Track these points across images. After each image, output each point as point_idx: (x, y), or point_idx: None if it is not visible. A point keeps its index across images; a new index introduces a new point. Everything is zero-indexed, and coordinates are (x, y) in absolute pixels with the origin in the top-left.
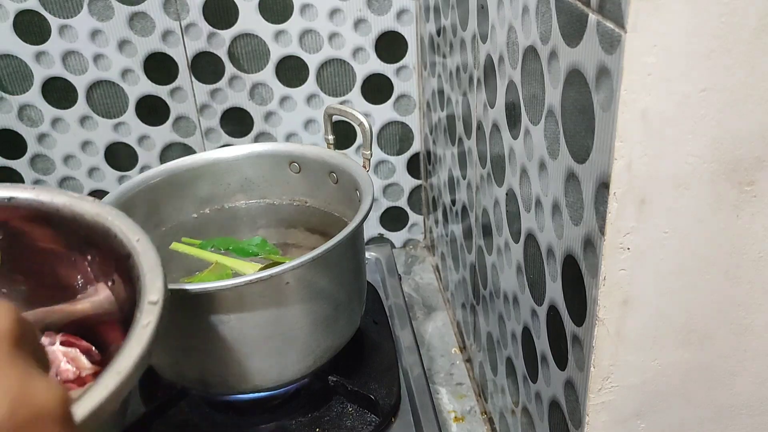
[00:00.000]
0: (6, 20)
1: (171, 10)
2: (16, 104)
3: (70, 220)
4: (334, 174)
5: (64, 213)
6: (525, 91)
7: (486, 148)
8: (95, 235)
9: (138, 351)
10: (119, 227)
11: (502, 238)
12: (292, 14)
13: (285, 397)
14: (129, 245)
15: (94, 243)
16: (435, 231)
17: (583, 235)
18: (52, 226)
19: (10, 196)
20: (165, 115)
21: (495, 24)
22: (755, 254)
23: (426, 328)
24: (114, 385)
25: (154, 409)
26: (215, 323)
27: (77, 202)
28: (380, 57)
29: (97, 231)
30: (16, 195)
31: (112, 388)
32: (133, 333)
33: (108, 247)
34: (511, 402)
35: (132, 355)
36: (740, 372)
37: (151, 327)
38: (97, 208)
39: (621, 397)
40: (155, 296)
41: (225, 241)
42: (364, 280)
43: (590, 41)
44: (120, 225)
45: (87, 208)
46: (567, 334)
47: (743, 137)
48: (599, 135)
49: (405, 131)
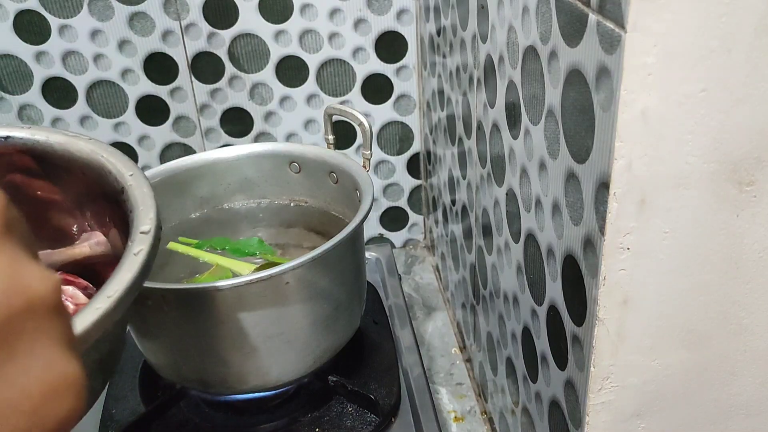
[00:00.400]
0: (6, 20)
1: (171, 10)
2: (16, 104)
3: (66, 160)
4: (334, 174)
5: (59, 152)
6: (525, 91)
7: (486, 148)
8: (90, 174)
9: (129, 276)
10: (113, 163)
11: (502, 238)
12: (292, 14)
13: (285, 397)
14: (122, 180)
15: (90, 188)
16: (435, 231)
17: (583, 235)
18: (48, 174)
19: (7, 135)
20: (165, 115)
21: (495, 24)
22: (755, 254)
23: (426, 328)
24: (105, 307)
25: (154, 409)
26: (215, 323)
27: (72, 140)
28: (380, 57)
29: (92, 168)
30: (12, 134)
31: (103, 310)
32: (125, 261)
33: (102, 186)
34: (511, 402)
35: (123, 279)
36: (740, 372)
37: (143, 255)
38: (92, 146)
39: (621, 397)
40: (147, 226)
41: (221, 241)
42: (364, 280)
43: (590, 41)
44: (114, 161)
45: (81, 146)
46: (567, 334)
47: (743, 137)
48: (599, 135)
49: (405, 131)
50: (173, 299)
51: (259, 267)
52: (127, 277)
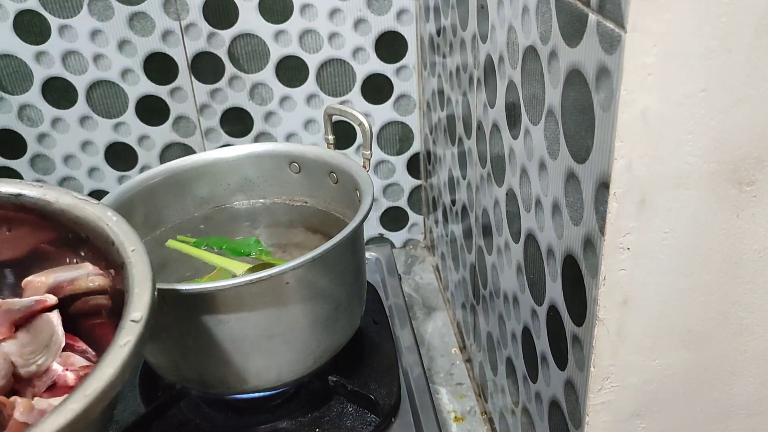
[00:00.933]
0: (6, 20)
1: (171, 10)
2: (16, 104)
3: (73, 222)
4: (334, 174)
5: (68, 214)
6: (525, 91)
7: (486, 148)
8: (95, 239)
9: (110, 372)
10: (117, 234)
11: (502, 238)
12: (292, 14)
13: (285, 397)
14: (124, 254)
15: (93, 245)
16: (435, 231)
17: (583, 235)
18: (53, 226)
19: (18, 193)
20: (165, 115)
21: (495, 24)
22: (755, 254)
23: (426, 328)
24: (78, 408)
25: (154, 409)
26: (215, 323)
27: (81, 204)
28: (380, 57)
29: (97, 235)
30: (24, 192)
31: (76, 412)
32: (110, 351)
33: (105, 252)
34: (511, 402)
35: (104, 376)
36: (740, 372)
37: (129, 347)
38: (100, 212)
39: (621, 397)
40: (139, 314)
41: (219, 241)
42: (364, 280)
43: (590, 41)
44: (118, 232)
45: (89, 211)
46: (567, 334)
47: (743, 137)
48: (599, 135)
49: (405, 131)
50: (173, 299)
51: (252, 267)
52: (109, 373)
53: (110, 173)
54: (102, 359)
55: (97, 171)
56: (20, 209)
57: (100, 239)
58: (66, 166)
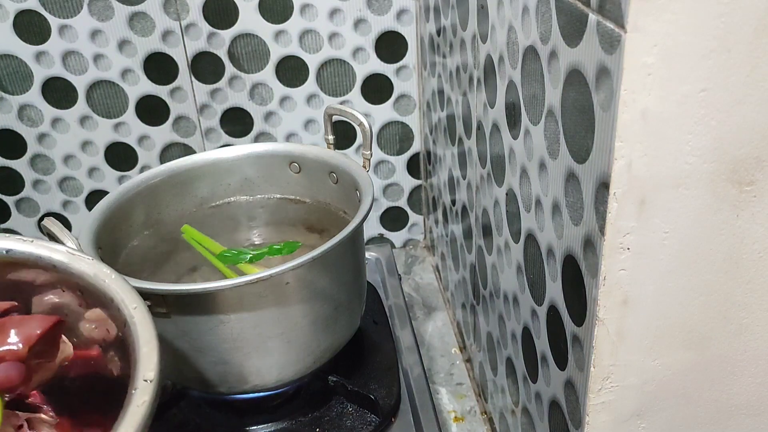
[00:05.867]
0: (6, 20)
1: (171, 10)
2: (16, 104)
3: (67, 275)
4: (334, 174)
5: (60, 269)
6: (525, 91)
7: (486, 148)
8: (92, 295)
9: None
10: (117, 292)
11: (502, 238)
12: (292, 14)
13: (285, 397)
14: (125, 313)
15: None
16: (435, 231)
17: (583, 235)
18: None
19: (8, 249)
20: (165, 115)
21: (495, 24)
22: (755, 254)
23: (426, 328)
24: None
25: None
26: (215, 323)
27: (75, 260)
28: (380, 57)
29: (94, 291)
30: (14, 248)
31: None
32: (126, 412)
33: (103, 307)
34: (511, 402)
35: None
36: (740, 372)
37: (146, 406)
38: (95, 268)
39: (621, 397)
40: (151, 373)
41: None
42: (364, 280)
43: (590, 41)
44: (118, 290)
45: (85, 268)
46: (567, 334)
47: (743, 137)
48: (599, 135)
49: (405, 131)
50: (173, 299)
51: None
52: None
53: (110, 173)
54: (120, 420)
55: (97, 171)
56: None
57: (98, 295)
58: (66, 166)
